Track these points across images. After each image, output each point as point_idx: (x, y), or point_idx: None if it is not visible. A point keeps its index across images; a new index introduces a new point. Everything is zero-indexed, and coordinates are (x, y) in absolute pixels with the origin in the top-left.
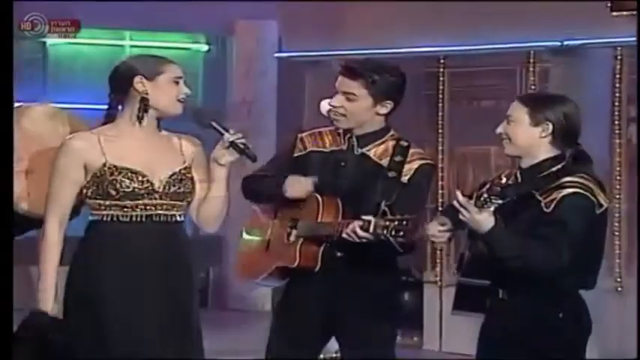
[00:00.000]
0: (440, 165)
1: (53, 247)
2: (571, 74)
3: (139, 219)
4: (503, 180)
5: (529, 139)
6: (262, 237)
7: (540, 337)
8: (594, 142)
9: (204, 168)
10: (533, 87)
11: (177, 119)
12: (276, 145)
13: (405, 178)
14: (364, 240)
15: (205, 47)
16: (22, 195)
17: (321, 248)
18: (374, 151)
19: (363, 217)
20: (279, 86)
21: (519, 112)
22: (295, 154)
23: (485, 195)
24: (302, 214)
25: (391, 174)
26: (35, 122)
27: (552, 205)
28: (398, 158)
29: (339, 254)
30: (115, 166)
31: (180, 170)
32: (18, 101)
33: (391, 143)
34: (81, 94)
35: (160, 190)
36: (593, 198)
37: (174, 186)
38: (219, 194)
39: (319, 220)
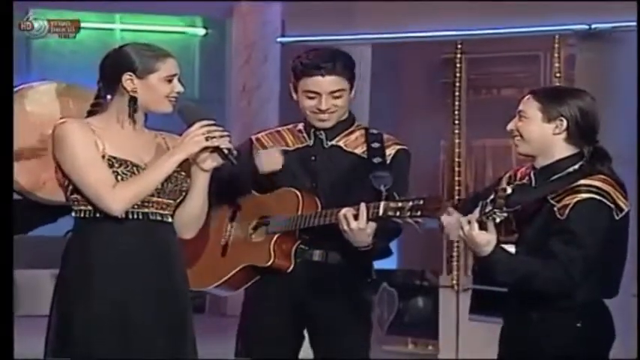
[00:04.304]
0: (457, 159)
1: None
2: (599, 60)
3: (135, 216)
4: (508, 191)
5: (542, 136)
6: (215, 241)
7: (557, 348)
8: (622, 135)
9: (189, 167)
10: (558, 74)
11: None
12: None
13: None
14: (354, 230)
15: (202, 31)
16: (37, 183)
17: (295, 247)
18: (344, 142)
19: (359, 206)
20: (282, 74)
21: (531, 108)
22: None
23: (489, 208)
24: (276, 210)
25: (376, 160)
26: (39, 103)
27: (565, 212)
28: (375, 145)
29: (315, 257)
30: (114, 158)
31: (176, 167)
32: None
33: (360, 132)
34: (68, 79)
35: (159, 187)
36: (610, 203)
37: (171, 183)
38: (199, 200)
39: (299, 212)
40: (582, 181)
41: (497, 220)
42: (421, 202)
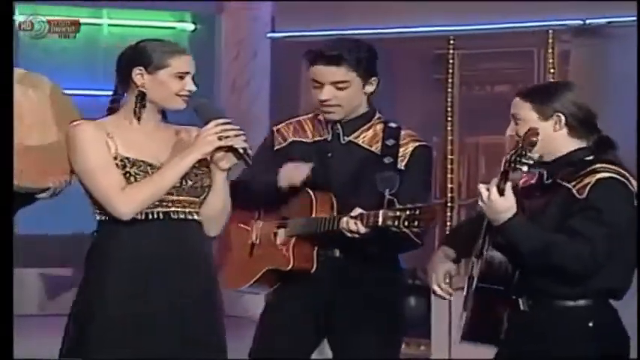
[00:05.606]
0: (449, 156)
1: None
2: (594, 56)
3: (155, 216)
4: (537, 133)
5: (543, 135)
6: (244, 241)
7: (569, 351)
8: (620, 130)
9: (208, 163)
10: (552, 70)
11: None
12: None
13: (401, 164)
14: (357, 235)
15: (191, 26)
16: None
17: (316, 248)
18: (362, 138)
19: (357, 211)
20: (272, 70)
21: (523, 109)
22: (276, 147)
23: (514, 157)
24: (292, 211)
25: (387, 160)
26: None
27: (586, 191)
28: (390, 142)
29: (337, 253)
30: (127, 158)
31: (194, 164)
32: None
33: (379, 127)
34: (56, 76)
35: (177, 185)
36: (630, 186)
37: (190, 180)
38: (219, 198)
39: (314, 215)
40: (599, 164)
41: (525, 168)
42: (417, 211)
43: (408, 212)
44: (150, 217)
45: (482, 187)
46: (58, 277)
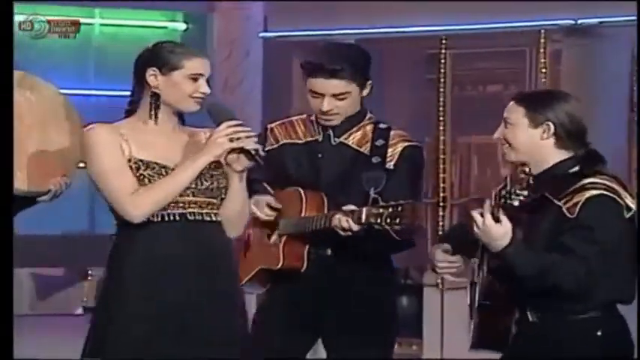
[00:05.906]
0: (441, 156)
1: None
2: (586, 56)
3: (172, 218)
4: (527, 169)
5: (530, 142)
6: (241, 240)
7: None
8: (611, 130)
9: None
10: (543, 70)
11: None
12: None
13: (390, 164)
14: (350, 233)
15: (183, 26)
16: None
17: (307, 246)
18: (352, 139)
19: (346, 208)
20: (264, 69)
21: (516, 114)
22: (267, 148)
23: (505, 191)
24: (284, 211)
25: (375, 159)
26: None
27: (576, 210)
28: (379, 142)
29: (328, 252)
30: (141, 161)
31: (209, 165)
32: None
33: (369, 127)
34: (48, 76)
35: (192, 186)
36: (620, 200)
37: (206, 181)
38: (236, 200)
39: (303, 214)
40: (588, 180)
41: (516, 203)
42: (399, 209)
43: (390, 210)
44: (166, 218)
45: (475, 214)
46: (49, 277)
